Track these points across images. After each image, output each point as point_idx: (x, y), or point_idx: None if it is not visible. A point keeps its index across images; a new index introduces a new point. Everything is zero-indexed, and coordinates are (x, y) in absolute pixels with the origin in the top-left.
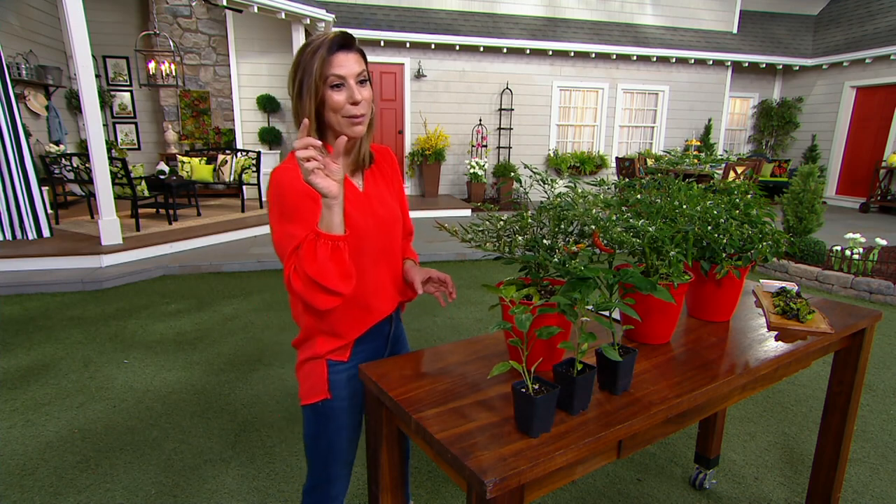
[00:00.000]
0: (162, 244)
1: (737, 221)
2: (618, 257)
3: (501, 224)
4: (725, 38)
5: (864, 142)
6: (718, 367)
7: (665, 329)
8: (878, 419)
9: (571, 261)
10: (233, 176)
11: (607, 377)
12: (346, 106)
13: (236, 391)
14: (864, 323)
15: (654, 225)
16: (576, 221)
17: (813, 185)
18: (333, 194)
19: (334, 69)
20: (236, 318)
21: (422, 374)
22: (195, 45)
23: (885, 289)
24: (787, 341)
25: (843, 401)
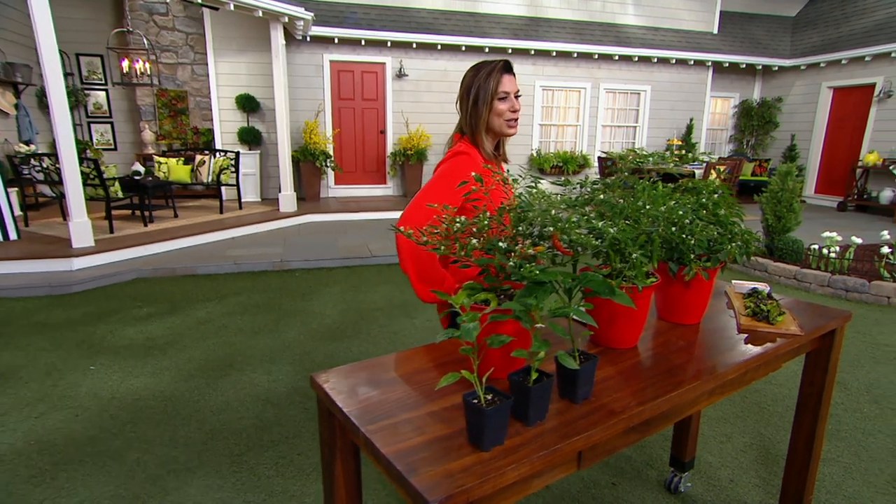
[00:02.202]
0: (136, 246)
1: (704, 222)
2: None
3: (458, 226)
4: (706, 38)
5: (841, 141)
6: (685, 373)
7: (631, 333)
8: (852, 418)
9: (528, 264)
10: (211, 177)
11: (567, 385)
12: (507, 112)
13: (206, 397)
14: (834, 324)
15: (616, 226)
16: (536, 223)
17: (791, 184)
18: None
19: (503, 87)
20: (209, 322)
21: (376, 382)
22: (172, 44)
23: (860, 287)
24: (757, 344)
25: (814, 402)
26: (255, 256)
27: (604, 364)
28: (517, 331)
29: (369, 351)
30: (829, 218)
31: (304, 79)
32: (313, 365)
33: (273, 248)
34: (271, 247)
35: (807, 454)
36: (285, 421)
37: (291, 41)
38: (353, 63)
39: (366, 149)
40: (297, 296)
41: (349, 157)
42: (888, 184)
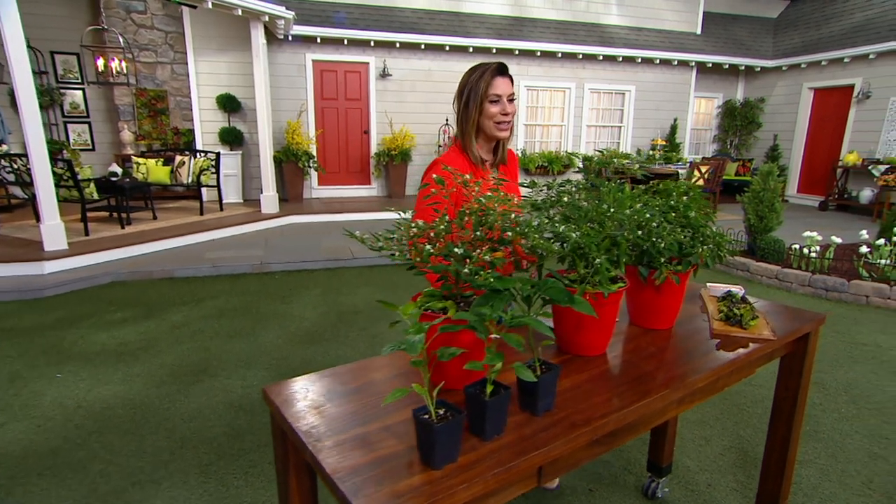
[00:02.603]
0: (112, 249)
1: (672, 225)
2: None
3: (416, 231)
4: (689, 38)
5: (822, 142)
6: (653, 381)
7: (598, 340)
8: (830, 418)
9: (484, 271)
10: (191, 178)
11: (527, 397)
12: (498, 115)
13: (176, 405)
14: (807, 327)
15: (580, 230)
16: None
17: (772, 184)
18: None
19: (494, 89)
20: (185, 326)
21: (331, 394)
22: (151, 42)
23: (839, 286)
24: (729, 350)
25: (789, 406)
26: (235, 259)
27: (569, 373)
28: (475, 341)
29: (347, 355)
30: (811, 217)
31: (287, 78)
32: (289, 370)
33: (253, 249)
34: (252, 249)
35: (782, 458)
36: (258, 428)
37: (273, 40)
38: (336, 63)
39: (349, 149)
40: (275, 299)
41: (333, 158)
42: (867, 183)
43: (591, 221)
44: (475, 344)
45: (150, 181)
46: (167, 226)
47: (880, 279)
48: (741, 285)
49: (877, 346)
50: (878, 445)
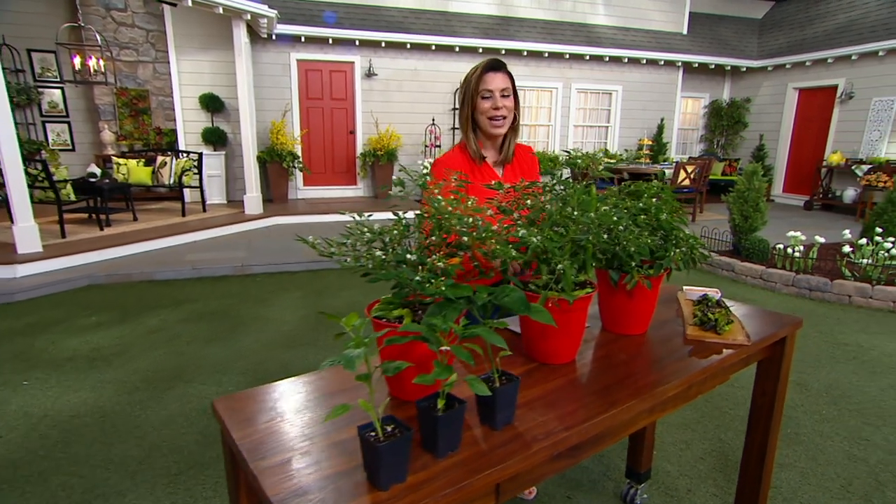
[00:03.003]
0: (89, 251)
1: (640, 228)
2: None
3: (369, 236)
4: (676, 38)
5: (807, 142)
6: (621, 391)
7: (566, 348)
8: (811, 420)
9: (437, 278)
10: (173, 178)
11: (485, 410)
12: (490, 110)
13: (148, 412)
14: (784, 332)
15: (542, 234)
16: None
17: (757, 184)
18: None
19: (485, 84)
20: (162, 331)
21: (283, 407)
22: (132, 41)
23: (822, 286)
24: (702, 356)
25: (767, 411)
26: (216, 261)
27: (535, 382)
28: (431, 353)
29: (325, 360)
30: (796, 217)
31: (271, 78)
32: (266, 375)
33: (235, 251)
34: (234, 250)
35: (759, 463)
36: None
37: (257, 39)
38: (321, 62)
39: (335, 149)
40: (256, 302)
41: (318, 158)
42: (851, 183)
43: (556, 225)
44: (431, 355)
45: (130, 182)
46: (148, 227)
47: (862, 279)
48: (718, 288)
49: (858, 345)
50: (858, 447)
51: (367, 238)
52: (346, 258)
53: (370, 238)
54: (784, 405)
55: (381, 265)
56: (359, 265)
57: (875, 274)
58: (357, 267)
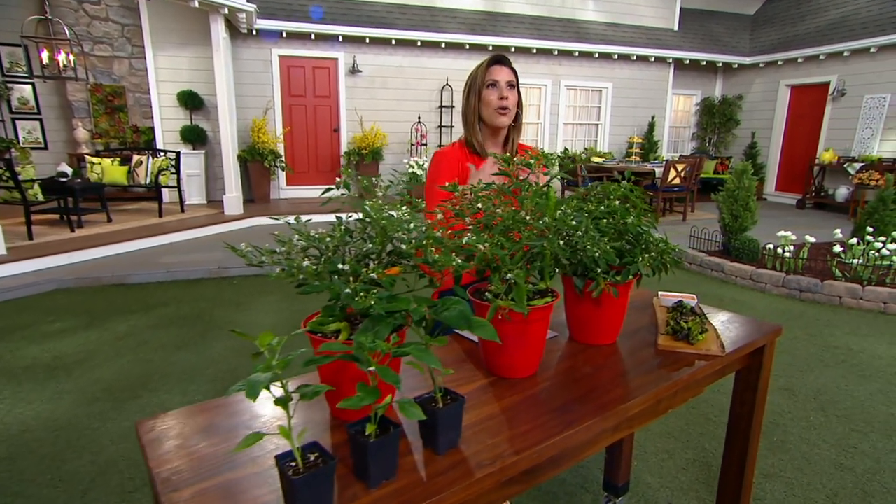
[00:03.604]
0: (58, 254)
1: (601, 233)
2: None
3: (303, 243)
4: (667, 34)
5: (800, 139)
6: (581, 408)
7: (525, 361)
8: (798, 427)
9: (371, 291)
10: (149, 178)
11: (427, 433)
12: (496, 100)
13: (107, 424)
14: (761, 341)
15: (493, 240)
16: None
17: (747, 183)
18: None
19: (490, 76)
20: (130, 337)
21: (211, 430)
22: (106, 35)
23: (813, 286)
24: (672, 368)
25: (745, 422)
26: (191, 263)
27: (490, 399)
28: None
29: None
30: (789, 216)
31: (252, 74)
32: (235, 383)
33: (212, 253)
34: (211, 252)
35: (738, 477)
36: None
37: (237, 35)
38: (303, 58)
39: (319, 148)
40: (230, 305)
41: (301, 157)
42: (843, 181)
43: (509, 230)
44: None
45: (105, 182)
46: (122, 229)
47: (853, 279)
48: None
49: (848, 348)
50: (845, 455)
51: (301, 245)
52: (276, 268)
53: (304, 245)
54: (764, 416)
55: (315, 275)
56: (290, 275)
57: (866, 274)
58: (287, 277)
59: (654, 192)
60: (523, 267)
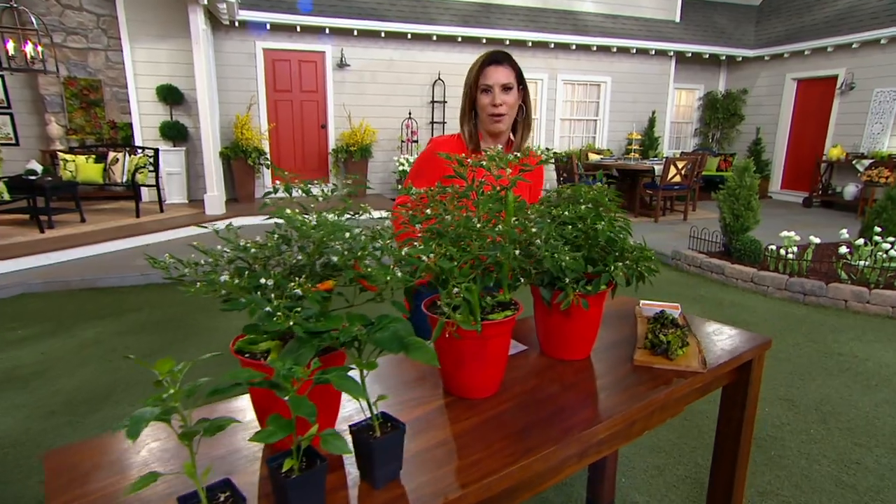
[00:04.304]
0: (26, 256)
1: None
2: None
3: (229, 254)
4: (668, 26)
5: (806, 135)
6: (542, 433)
7: (485, 380)
8: (797, 440)
9: (295, 309)
10: (126, 176)
11: (363, 464)
12: (489, 106)
13: (62, 440)
14: (747, 355)
15: (441, 250)
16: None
17: (749, 181)
18: None
19: (484, 79)
20: (97, 344)
21: (123, 463)
22: (80, 26)
23: (817, 290)
24: (647, 387)
25: (732, 441)
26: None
27: (444, 423)
28: None
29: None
30: (794, 214)
31: (235, 68)
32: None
33: (192, 255)
34: (190, 254)
35: (726, 498)
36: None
37: (219, 27)
38: (289, 51)
39: (306, 145)
40: (207, 310)
41: (287, 154)
42: (852, 179)
43: (461, 238)
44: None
45: (78, 180)
46: (96, 229)
47: (859, 282)
48: (678, 304)
49: (853, 355)
50: (847, 472)
51: (227, 257)
52: (198, 282)
53: (231, 257)
54: (762, 428)
55: (239, 290)
56: (211, 290)
57: (873, 277)
58: (207, 292)
59: (653, 190)
60: (479, 278)
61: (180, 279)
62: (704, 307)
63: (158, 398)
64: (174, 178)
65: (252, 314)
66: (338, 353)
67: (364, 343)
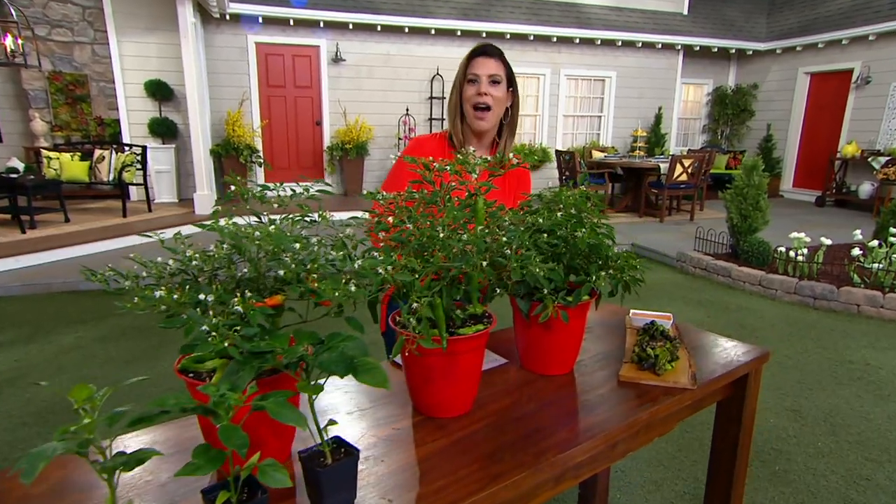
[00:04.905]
0: (5, 258)
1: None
2: None
3: (172, 265)
4: (675, 19)
5: (820, 131)
6: (513, 457)
7: (455, 398)
8: (804, 454)
9: (234, 327)
10: (112, 174)
11: (313, 495)
12: (474, 97)
13: None
14: (742, 369)
15: (402, 261)
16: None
17: (757, 180)
18: None
19: (472, 69)
20: (74, 351)
21: (57, 491)
22: (65, 18)
23: (828, 293)
24: (632, 405)
25: (727, 460)
26: None
27: (408, 445)
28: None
29: None
30: (806, 214)
31: (226, 63)
32: None
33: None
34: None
35: None
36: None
37: (210, 19)
38: (282, 46)
39: (300, 142)
40: None
41: (281, 152)
42: (867, 177)
43: (424, 249)
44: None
45: (63, 178)
46: (80, 230)
47: (873, 286)
48: (670, 314)
49: (865, 363)
50: (857, 489)
51: (170, 269)
52: (126, 301)
53: (172, 269)
54: (766, 441)
55: (179, 306)
56: (150, 305)
57: (887, 280)
58: (145, 308)
59: (659, 189)
60: (446, 290)
61: (118, 293)
62: (709, 311)
63: (66, 430)
64: (163, 176)
65: (187, 333)
66: (284, 374)
67: (312, 364)
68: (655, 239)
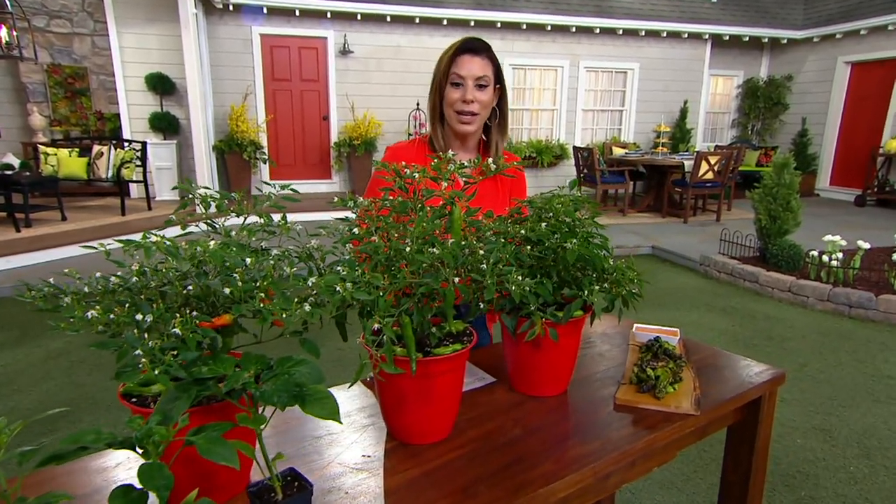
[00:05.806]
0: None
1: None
2: None
3: (115, 280)
4: (703, 6)
5: (861, 125)
6: (490, 490)
7: (432, 423)
8: (833, 479)
9: (171, 351)
10: (111, 171)
11: None
12: (458, 102)
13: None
14: (754, 392)
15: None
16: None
17: (788, 179)
18: None
19: (455, 69)
20: (64, 355)
21: None
22: (64, 9)
23: (865, 301)
24: (626, 432)
25: (739, 489)
26: None
27: (377, 476)
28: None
29: None
30: (844, 215)
31: (230, 55)
32: None
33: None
34: None
35: None
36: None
37: (212, 10)
38: (288, 37)
39: (306, 138)
40: None
41: (286, 148)
42: None
43: (392, 264)
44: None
45: (60, 175)
46: (77, 228)
47: None
48: (677, 329)
49: None
50: None
51: (111, 285)
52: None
53: (115, 286)
54: (792, 463)
55: (115, 326)
56: (87, 325)
57: None
58: (84, 327)
59: (682, 188)
60: (417, 308)
61: (55, 310)
62: (734, 320)
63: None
64: (164, 172)
65: (119, 358)
66: (226, 403)
67: (256, 393)
68: (678, 241)
